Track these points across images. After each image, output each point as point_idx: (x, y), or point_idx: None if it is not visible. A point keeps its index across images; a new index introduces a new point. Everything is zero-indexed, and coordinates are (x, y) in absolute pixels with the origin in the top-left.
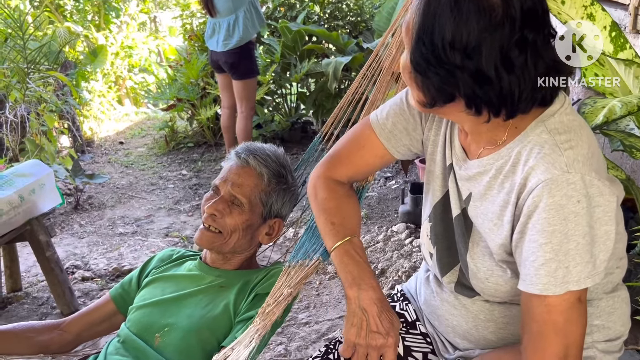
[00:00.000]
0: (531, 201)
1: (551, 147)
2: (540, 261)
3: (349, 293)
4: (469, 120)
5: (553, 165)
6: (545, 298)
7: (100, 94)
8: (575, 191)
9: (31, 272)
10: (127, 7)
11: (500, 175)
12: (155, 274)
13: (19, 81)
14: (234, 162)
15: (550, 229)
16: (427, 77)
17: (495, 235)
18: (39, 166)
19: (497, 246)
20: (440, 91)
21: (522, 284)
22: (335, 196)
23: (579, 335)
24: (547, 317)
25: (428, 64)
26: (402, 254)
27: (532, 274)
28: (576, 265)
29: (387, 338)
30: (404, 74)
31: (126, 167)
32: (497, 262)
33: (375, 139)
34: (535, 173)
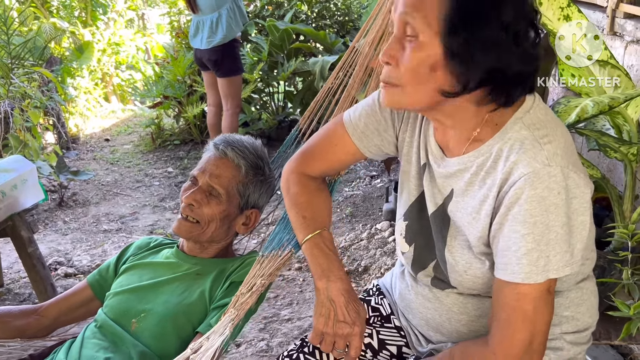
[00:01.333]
0: (513, 193)
1: (531, 142)
2: (522, 251)
3: (318, 284)
4: (467, 112)
5: (534, 159)
6: (517, 286)
7: (86, 91)
8: (556, 183)
9: (13, 268)
10: (115, 4)
11: (482, 172)
12: (133, 261)
13: (3, 76)
14: (212, 153)
15: (532, 220)
16: (472, 62)
17: (474, 229)
18: (22, 162)
19: (475, 239)
20: (482, 75)
21: (501, 274)
22: (306, 191)
23: (545, 324)
24: (517, 305)
25: (477, 49)
26: (385, 252)
27: (514, 263)
28: (556, 254)
29: (353, 327)
30: (413, 66)
31: (111, 164)
32: (475, 254)
33: (347, 138)
34: (517, 167)
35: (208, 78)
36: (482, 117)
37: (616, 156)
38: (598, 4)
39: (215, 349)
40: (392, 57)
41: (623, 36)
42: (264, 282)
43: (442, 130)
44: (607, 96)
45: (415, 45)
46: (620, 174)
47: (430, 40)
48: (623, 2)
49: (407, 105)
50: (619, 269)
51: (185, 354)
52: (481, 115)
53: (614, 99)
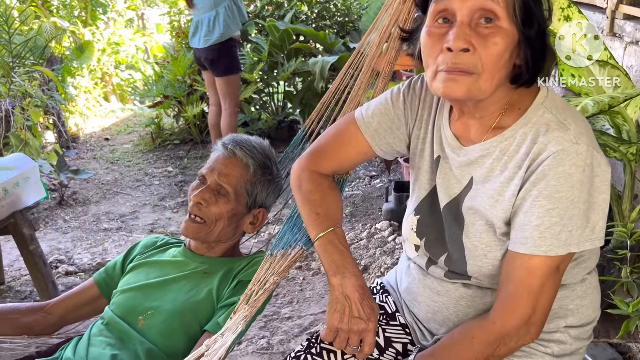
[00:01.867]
0: (540, 170)
1: (557, 124)
2: (545, 224)
3: (333, 280)
4: (499, 93)
5: (563, 138)
6: (530, 259)
7: (86, 90)
8: (582, 161)
9: (14, 266)
10: (115, 4)
11: (504, 157)
12: (140, 259)
13: (4, 75)
14: (220, 152)
15: (558, 195)
16: (533, 49)
17: (497, 211)
18: (24, 159)
19: (499, 220)
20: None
21: (519, 247)
22: (319, 188)
23: (548, 301)
24: (525, 279)
25: (537, 37)
26: (385, 251)
27: (536, 237)
28: (577, 229)
29: (368, 323)
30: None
31: (111, 164)
32: (497, 236)
33: (360, 136)
34: (547, 147)
35: (208, 77)
36: (508, 99)
37: (615, 155)
38: (598, 5)
39: (228, 346)
40: (470, 43)
41: (622, 37)
42: (276, 279)
43: (462, 121)
44: (607, 95)
45: (497, 30)
46: (620, 173)
47: (509, 26)
48: (623, 3)
49: (479, 94)
50: (618, 268)
51: (200, 350)
52: (507, 97)
53: (614, 99)
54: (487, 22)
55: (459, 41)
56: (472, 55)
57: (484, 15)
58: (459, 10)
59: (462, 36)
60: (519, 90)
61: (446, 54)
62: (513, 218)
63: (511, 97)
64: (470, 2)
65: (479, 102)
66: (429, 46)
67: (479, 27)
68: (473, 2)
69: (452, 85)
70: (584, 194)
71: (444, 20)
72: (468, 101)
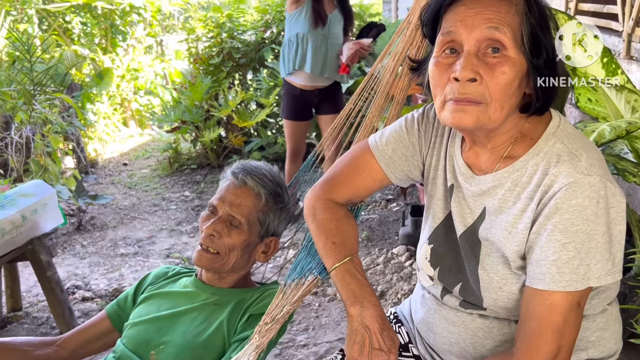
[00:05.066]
0: (553, 203)
1: (568, 155)
2: (563, 259)
3: (351, 311)
4: (509, 123)
5: (575, 170)
6: (551, 296)
7: (105, 116)
8: (595, 192)
9: (32, 291)
10: (134, 31)
11: (516, 188)
12: (151, 290)
13: (25, 103)
14: (230, 181)
15: (574, 229)
16: (542, 76)
17: (511, 243)
18: (42, 186)
19: (513, 253)
20: (548, 88)
21: (537, 282)
22: (335, 217)
23: (573, 338)
24: (547, 317)
25: (546, 66)
26: (402, 277)
27: (554, 272)
28: (597, 262)
29: (388, 355)
30: (507, 81)
31: (129, 188)
32: (512, 269)
33: (374, 164)
34: (558, 179)
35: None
36: (518, 129)
37: (635, 180)
38: (614, 29)
39: None
40: (477, 73)
41: (639, 60)
42: (289, 309)
43: (474, 151)
44: (625, 120)
45: (505, 60)
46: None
47: (517, 56)
48: (639, 26)
49: (488, 123)
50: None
51: None
52: (519, 127)
53: (632, 124)
54: (495, 52)
55: (466, 71)
56: (480, 85)
57: (491, 45)
58: (466, 40)
59: (469, 66)
60: (530, 119)
61: (453, 83)
62: (529, 253)
63: (522, 126)
64: (477, 33)
65: (490, 132)
66: (436, 76)
67: (486, 56)
68: (480, 32)
69: (460, 116)
70: (601, 227)
71: (452, 51)
72: (478, 131)
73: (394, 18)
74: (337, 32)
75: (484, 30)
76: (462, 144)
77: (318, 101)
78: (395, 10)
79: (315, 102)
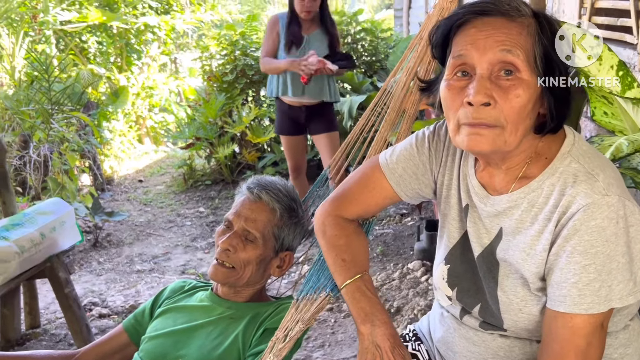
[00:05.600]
0: (571, 225)
1: (585, 175)
2: (584, 281)
3: (362, 329)
4: (524, 144)
5: (592, 190)
6: (573, 319)
7: (121, 133)
8: (614, 213)
9: (50, 308)
10: (149, 49)
11: (533, 208)
12: (168, 304)
13: (43, 122)
14: (246, 196)
15: (594, 250)
16: (557, 98)
17: (530, 265)
18: (60, 204)
19: (532, 275)
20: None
21: (558, 305)
22: (345, 233)
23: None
24: (570, 339)
25: (559, 87)
26: (418, 292)
27: (575, 295)
28: (618, 283)
29: None
30: (522, 104)
31: (145, 205)
32: (531, 291)
33: (384, 181)
34: (576, 200)
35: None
36: (533, 148)
37: None
38: (628, 42)
39: None
40: (491, 97)
41: None
42: (301, 326)
43: (488, 171)
44: None
45: (519, 82)
46: None
47: (531, 78)
48: None
49: (504, 146)
50: None
51: None
52: (533, 147)
53: None
54: (508, 75)
55: (480, 95)
56: (494, 109)
57: (504, 68)
58: (478, 64)
59: (482, 90)
60: (544, 138)
61: (467, 108)
62: (549, 275)
63: (537, 146)
64: (489, 56)
65: (505, 154)
66: (449, 99)
67: (499, 79)
68: (492, 55)
69: (476, 139)
70: (621, 247)
71: (463, 74)
72: (493, 154)
73: (405, 33)
74: (318, 52)
75: (496, 53)
76: (475, 163)
77: (307, 118)
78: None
79: (304, 119)
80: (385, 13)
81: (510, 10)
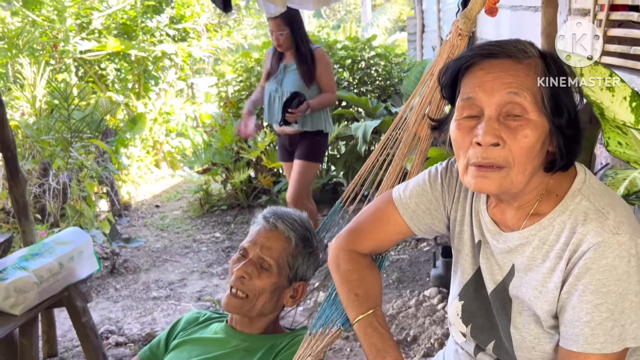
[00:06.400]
0: (582, 263)
1: (595, 213)
2: (596, 321)
3: None
4: (534, 181)
5: (602, 229)
6: (585, 358)
7: (138, 159)
8: (625, 251)
9: (67, 336)
10: (166, 76)
11: (545, 245)
12: (183, 336)
13: (63, 150)
14: (262, 225)
15: (605, 289)
16: (565, 137)
17: (542, 303)
18: (78, 234)
19: (544, 312)
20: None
21: (571, 344)
22: (358, 268)
23: None
24: None
25: (568, 125)
26: (435, 320)
27: (588, 334)
28: (632, 322)
29: None
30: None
31: (161, 230)
32: (544, 329)
33: (398, 216)
34: (586, 238)
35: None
36: (544, 186)
37: None
38: None
39: None
40: (500, 137)
41: None
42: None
43: (500, 207)
44: None
45: (527, 123)
46: None
47: (539, 118)
48: None
49: (511, 187)
50: None
51: None
52: (544, 184)
53: None
54: (516, 116)
55: (488, 136)
56: (502, 149)
57: (511, 110)
58: (486, 105)
59: (491, 131)
60: (555, 175)
61: (476, 147)
62: (561, 313)
63: (547, 183)
64: (497, 98)
65: (515, 193)
66: (459, 139)
67: (507, 120)
68: (500, 97)
69: (483, 182)
70: (634, 286)
71: (472, 116)
72: (502, 195)
73: (419, 57)
74: (293, 82)
75: (504, 95)
76: (487, 199)
77: (291, 145)
78: (420, 49)
79: (289, 145)
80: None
81: (517, 52)
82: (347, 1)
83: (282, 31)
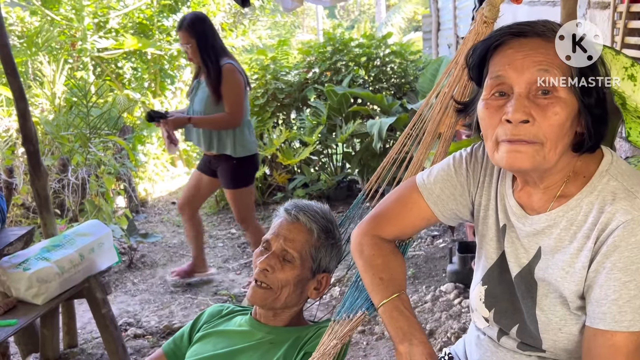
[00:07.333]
0: (611, 241)
1: (624, 192)
2: (624, 298)
3: (400, 348)
4: (562, 162)
5: (632, 207)
6: (613, 336)
7: (155, 157)
8: None
9: (86, 328)
10: (182, 75)
11: (572, 226)
12: (207, 329)
13: (81, 146)
14: (283, 218)
15: (634, 267)
16: (594, 116)
17: (569, 283)
18: (99, 226)
19: (572, 293)
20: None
21: (598, 323)
22: (382, 253)
23: None
24: (611, 358)
25: (597, 105)
26: (451, 315)
27: (615, 312)
28: None
29: None
30: (561, 121)
31: (178, 227)
32: (571, 310)
33: (422, 202)
34: (615, 217)
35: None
36: (571, 167)
37: None
38: None
39: None
40: (530, 114)
41: None
42: (336, 343)
43: (526, 190)
44: None
45: (557, 101)
46: None
47: (568, 96)
48: None
49: (544, 163)
50: None
51: None
52: (571, 165)
53: None
54: (545, 94)
55: (518, 113)
56: (532, 126)
57: (541, 88)
58: (516, 83)
59: (521, 108)
60: (582, 157)
61: (506, 125)
62: (588, 292)
63: (574, 164)
64: (527, 76)
65: (544, 172)
66: (487, 118)
67: (537, 98)
68: (530, 75)
69: (516, 156)
70: None
71: (501, 94)
72: (532, 172)
73: (434, 55)
74: (202, 99)
75: (534, 72)
76: (512, 183)
77: (211, 163)
78: (435, 47)
79: (209, 162)
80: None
81: (546, 31)
82: (361, 1)
83: (188, 43)
